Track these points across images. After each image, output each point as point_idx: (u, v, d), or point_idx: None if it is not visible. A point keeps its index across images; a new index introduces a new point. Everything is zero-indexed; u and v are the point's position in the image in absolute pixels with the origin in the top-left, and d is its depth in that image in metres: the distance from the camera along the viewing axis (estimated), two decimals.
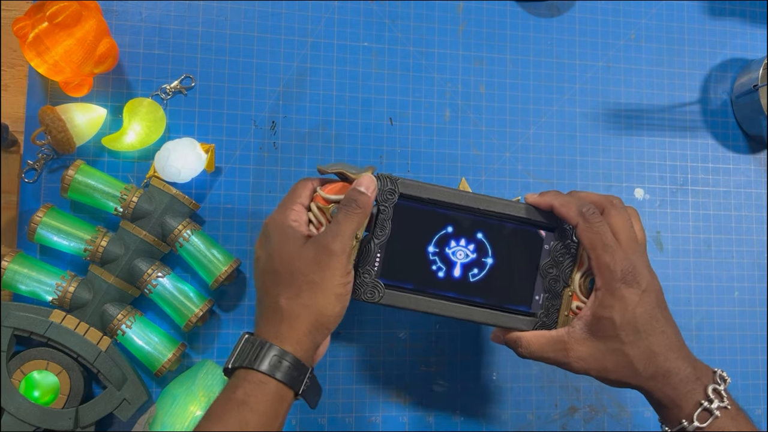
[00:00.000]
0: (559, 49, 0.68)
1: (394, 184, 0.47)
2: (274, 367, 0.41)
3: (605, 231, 0.45)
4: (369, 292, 0.47)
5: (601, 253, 0.45)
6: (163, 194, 0.55)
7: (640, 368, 0.44)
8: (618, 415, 0.65)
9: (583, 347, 0.46)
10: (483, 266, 0.49)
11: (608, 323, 0.44)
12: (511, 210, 0.49)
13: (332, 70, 0.63)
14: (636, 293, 0.44)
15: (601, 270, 0.45)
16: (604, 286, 0.45)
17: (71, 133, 0.54)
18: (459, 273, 0.49)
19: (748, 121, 0.69)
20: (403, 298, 0.48)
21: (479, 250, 0.49)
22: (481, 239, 0.49)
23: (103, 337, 0.54)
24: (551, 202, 0.48)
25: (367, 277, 0.47)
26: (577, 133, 0.67)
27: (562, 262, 0.49)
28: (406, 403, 0.61)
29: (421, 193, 0.48)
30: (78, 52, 0.53)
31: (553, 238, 0.49)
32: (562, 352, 0.46)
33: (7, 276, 0.52)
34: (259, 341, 0.42)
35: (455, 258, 0.49)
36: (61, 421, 0.52)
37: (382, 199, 0.47)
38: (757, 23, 0.72)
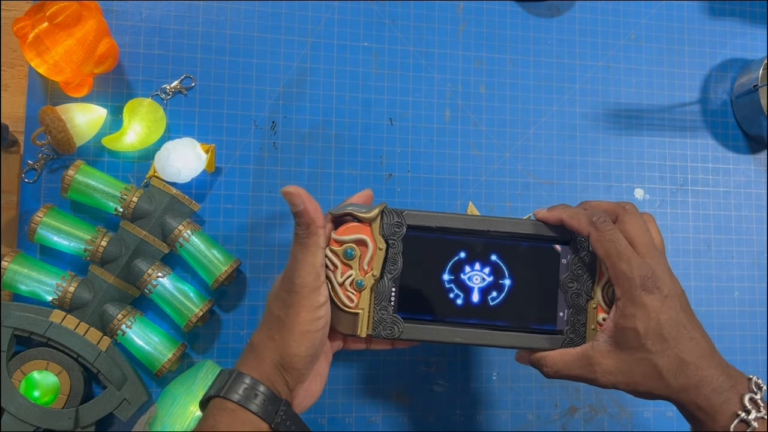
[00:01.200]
0: (559, 49, 0.68)
1: (400, 217, 0.46)
2: (245, 397, 0.41)
3: (618, 238, 0.44)
4: (388, 328, 0.46)
5: (616, 261, 0.43)
6: (163, 194, 0.55)
7: (670, 379, 0.42)
8: (618, 415, 0.65)
9: (609, 360, 0.44)
10: (501, 288, 0.48)
11: (632, 333, 0.42)
12: (521, 228, 0.48)
13: (332, 70, 0.63)
14: (658, 299, 0.42)
15: (619, 279, 0.43)
16: (624, 295, 0.43)
17: (71, 133, 0.54)
18: (478, 298, 0.48)
19: (748, 121, 0.69)
20: (424, 331, 0.47)
21: (495, 273, 0.48)
22: (496, 261, 0.48)
23: (103, 337, 0.54)
24: (560, 215, 0.46)
25: (384, 313, 0.46)
26: (577, 133, 0.67)
27: (581, 275, 0.47)
28: (406, 403, 0.61)
29: (428, 222, 0.47)
30: (78, 52, 0.53)
31: (569, 252, 0.48)
32: (588, 367, 0.44)
33: (7, 276, 0.52)
34: (231, 371, 0.42)
35: (472, 283, 0.48)
36: (61, 421, 0.52)
37: (390, 234, 0.46)
38: (757, 23, 0.72)
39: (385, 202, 0.47)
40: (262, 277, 0.60)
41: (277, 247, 0.60)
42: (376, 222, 0.46)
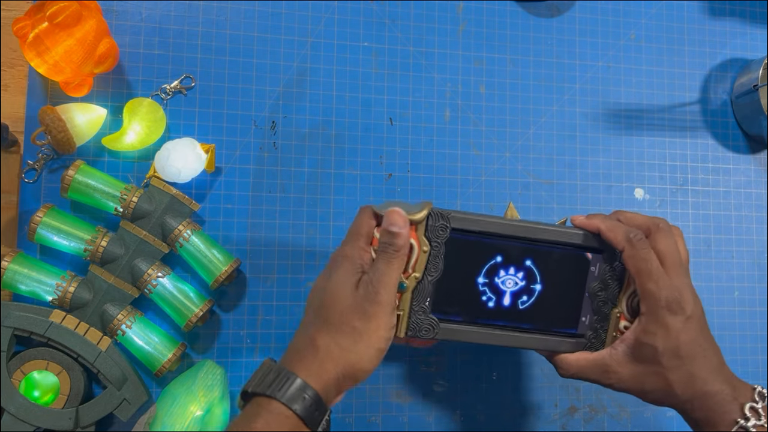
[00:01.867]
0: (559, 49, 0.68)
1: (446, 219, 0.46)
2: (296, 401, 0.39)
3: (651, 258, 0.45)
4: (425, 329, 0.47)
5: (646, 280, 0.45)
6: (163, 194, 0.55)
7: (678, 392, 0.45)
8: (618, 415, 0.65)
9: (624, 370, 0.46)
10: (532, 293, 0.49)
11: (650, 350, 0.45)
12: (562, 237, 0.48)
13: (332, 70, 0.63)
14: (680, 321, 0.45)
15: (646, 297, 0.45)
16: (649, 312, 0.45)
17: (71, 133, 0.54)
18: (509, 302, 0.49)
19: (748, 121, 0.69)
20: (458, 332, 0.47)
21: (528, 278, 0.49)
22: (530, 266, 0.49)
23: (103, 337, 0.54)
24: (599, 225, 0.48)
25: (421, 315, 0.46)
26: (577, 133, 0.67)
27: (610, 284, 0.49)
28: (406, 403, 0.61)
29: (472, 226, 0.47)
30: (78, 52, 0.53)
31: (600, 260, 0.49)
32: (604, 374, 0.47)
33: (7, 276, 0.52)
34: (286, 372, 0.40)
35: (505, 287, 0.48)
36: (61, 421, 0.52)
37: (434, 236, 0.46)
38: (757, 23, 0.72)
39: (431, 203, 0.46)
40: (262, 277, 0.60)
41: (277, 247, 0.60)
42: (422, 224, 0.46)
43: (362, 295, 0.42)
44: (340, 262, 0.43)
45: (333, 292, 0.42)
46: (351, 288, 0.42)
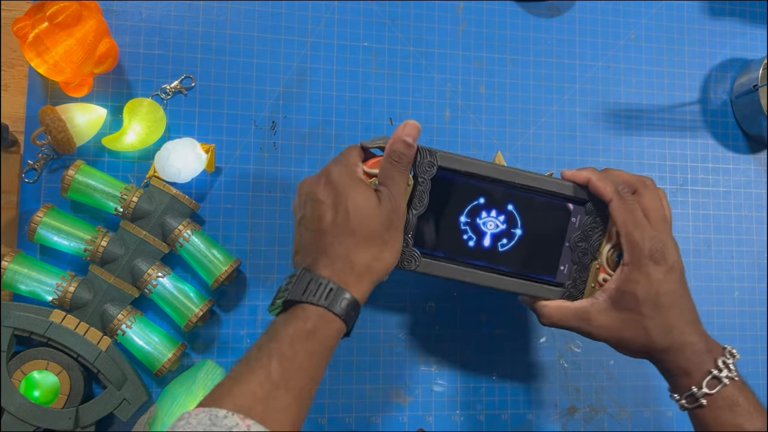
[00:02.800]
0: (559, 49, 0.68)
1: (433, 156, 0.49)
2: (344, 311, 0.43)
3: (637, 209, 0.48)
4: (407, 260, 0.49)
5: (632, 230, 0.47)
6: (163, 194, 0.55)
7: (657, 340, 0.47)
8: (618, 415, 0.65)
9: (605, 318, 0.48)
10: (512, 237, 0.51)
11: (631, 297, 0.47)
12: (545, 185, 0.50)
13: (332, 70, 0.63)
14: (662, 271, 0.47)
15: (631, 246, 0.47)
16: (632, 261, 0.47)
17: (71, 133, 0.54)
18: (489, 243, 0.51)
19: (748, 121, 0.69)
20: (438, 267, 0.49)
21: (509, 221, 0.51)
22: (512, 211, 0.51)
23: (103, 337, 0.54)
24: (588, 176, 0.50)
25: (404, 246, 0.48)
26: (577, 133, 0.67)
27: (591, 236, 0.51)
28: (406, 403, 0.61)
29: (459, 166, 0.49)
30: (78, 52, 0.53)
31: (582, 212, 0.51)
32: (585, 322, 0.49)
33: (7, 276, 0.52)
34: (333, 286, 0.43)
35: (485, 228, 0.51)
36: (61, 421, 0.52)
37: (421, 171, 0.48)
38: (757, 23, 0.72)
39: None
40: (262, 277, 0.60)
41: (277, 247, 0.60)
42: None
43: (388, 208, 0.45)
44: (357, 183, 0.45)
45: (358, 215, 0.44)
46: (376, 204, 0.45)
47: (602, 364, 0.65)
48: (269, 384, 0.39)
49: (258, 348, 0.41)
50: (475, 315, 0.63)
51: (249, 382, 0.39)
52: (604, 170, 0.51)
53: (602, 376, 0.65)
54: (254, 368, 0.40)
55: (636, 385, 0.65)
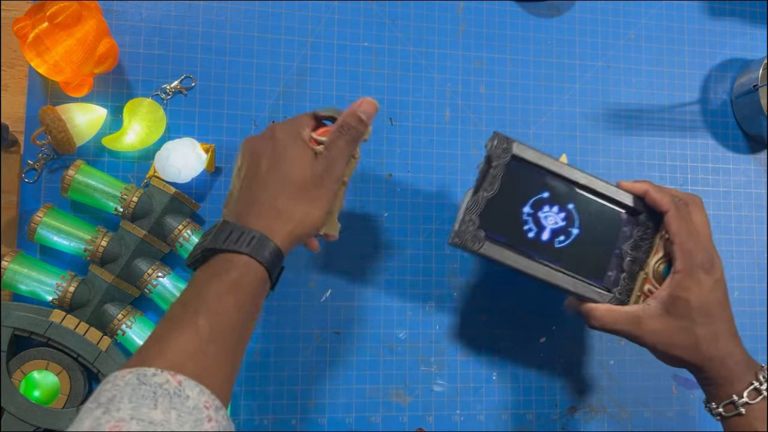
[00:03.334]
0: (559, 49, 0.68)
1: (509, 144, 0.51)
2: (268, 260, 0.43)
3: (691, 221, 0.51)
4: (470, 240, 0.50)
5: (686, 239, 0.49)
6: (163, 194, 0.55)
7: (703, 348, 0.49)
8: (618, 415, 0.65)
9: (657, 323, 0.50)
10: (569, 235, 0.52)
11: (684, 304, 0.49)
12: (606, 190, 0.52)
13: (332, 70, 0.63)
14: (711, 280, 0.49)
15: (684, 254, 0.49)
16: (685, 269, 0.49)
17: (71, 133, 0.54)
18: (547, 237, 0.52)
19: (748, 121, 0.69)
20: (499, 251, 0.50)
21: (568, 220, 0.52)
22: (571, 210, 0.52)
23: (103, 337, 0.54)
24: (646, 188, 0.52)
25: (470, 225, 0.50)
26: (577, 133, 0.67)
27: (641, 246, 0.52)
28: (406, 403, 0.61)
29: (531, 158, 0.51)
30: (78, 52, 0.53)
31: (634, 222, 0.52)
32: (636, 326, 0.50)
33: (7, 276, 0.52)
34: (256, 233, 0.43)
35: (546, 222, 0.52)
36: (61, 421, 0.52)
37: (495, 156, 0.50)
38: (757, 23, 0.72)
39: None
40: None
41: None
42: None
43: (322, 166, 0.46)
44: (297, 140, 0.47)
45: (292, 164, 0.46)
46: (311, 159, 0.46)
47: (602, 364, 0.65)
48: (198, 340, 0.38)
49: (182, 305, 0.40)
50: (475, 315, 0.63)
51: (177, 340, 0.38)
52: (659, 186, 0.53)
53: (602, 376, 0.65)
54: (180, 326, 0.38)
55: (636, 385, 0.65)
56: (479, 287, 0.63)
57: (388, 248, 0.62)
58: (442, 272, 0.63)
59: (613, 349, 0.65)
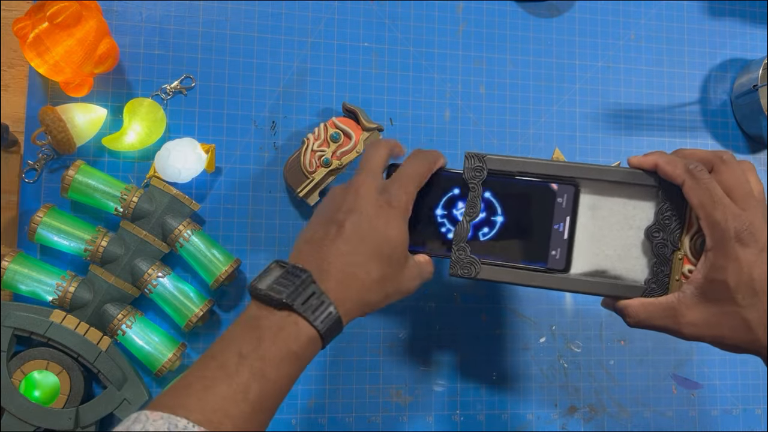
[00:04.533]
0: (558, 49, 0.68)
1: (482, 161, 0.48)
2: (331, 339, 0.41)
3: (715, 187, 0.42)
4: (465, 267, 0.48)
5: (711, 211, 0.42)
6: (163, 194, 0.55)
7: (759, 332, 0.41)
8: (618, 415, 0.65)
9: (695, 312, 0.43)
10: (493, 225, 0.49)
11: (722, 286, 0.41)
12: (608, 175, 0.47)
13: (332, 70, 0.63)
14: (753, 253, 0.41)
15: (712, 229, 0.42)
16: (716, 246, 0.42)
17: (71, 133, 0.54)
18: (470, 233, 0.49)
19: (748, 121, 0.69)
20: (500, 272, 0.48)
21: (489, 209, 0.49)
22: (490, 198, 0.49)
23: (104, 337, 0.54)
24: (656, 160, 0.45)
25: (462, 254, 0.48)
26: (577, 133, 0.67)
27: (668, 225, 0.46)
28: (406, 403, 0.61)
29: (509, 167, 0.48)
30: (78, 53, 0.53)
31: (659, 199, 0.46)
32: (672, 318, 0.43)
33: (8, 276, 0.52)
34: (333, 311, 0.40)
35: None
36: (61, 421, 0.52)
37: (470, 177, 0.48)
38: (757, 23, 0.72)
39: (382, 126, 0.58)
40: None
41: (277, 247, 0.60)
42: (365, 133, 0.58)
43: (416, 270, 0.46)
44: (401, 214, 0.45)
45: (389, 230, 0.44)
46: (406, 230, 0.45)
47: (602, 364, 0.65)
48: (245, 404, 0.36)
49: (239, 355, 0.38)
50: (475, 315, 0.63)
51: (224, 395, 0.36)
52: (675, 151, 0.46)
53: (602, 376, 0.65)
54: (230, 379, 0.36)
55: (636, 385, 0.65)
56: (479, 287, 0.63)
57: None
58: (442, 272, 0.63)
59: (613, 349, 0.65)
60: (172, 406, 0.34)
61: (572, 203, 0.48)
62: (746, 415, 0.67)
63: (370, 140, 0.58)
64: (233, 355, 0.38)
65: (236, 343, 0.38)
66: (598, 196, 0.48)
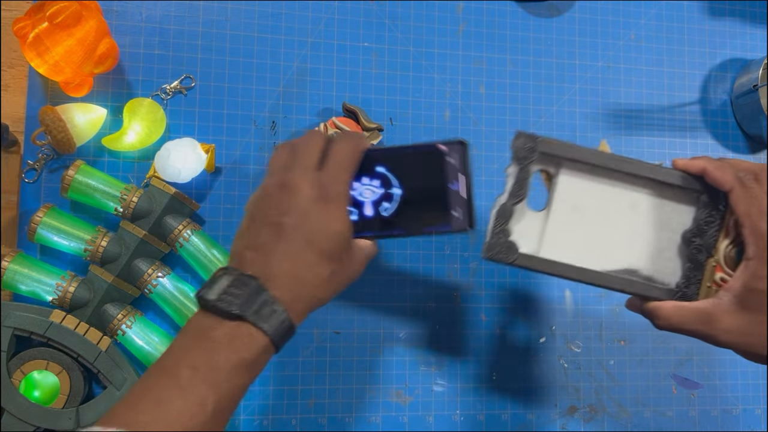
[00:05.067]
0: (558, 49, 0.68)
1: (534, 142, 0.46)
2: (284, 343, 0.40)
3: (763, 198, 0.43)
4: (504, 252, 0.46)
5: (757, 220, 0.42)
6: (163, 194, 0.55)
7: None
8: (618, 414, 0.65)
9: (731, 320, 0.43)
10: (391, 198, 0.46)
11: (760, 295, 0.42)
12: (657, 174, 0.46)
13: (332, 70, 0.63)
14: None
15: (757, 238, 0.42)
16: (758, 255, 0.42)
17: (71, 133, 0.54)
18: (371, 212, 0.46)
19: (748, 121, 0.69)
20: (536, 261, 0.46)
21: (385, 184, 0.46)
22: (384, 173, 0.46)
23: (103, 337, 0.54)
24: (704, 165, 0.44)
25: (503, 237, 0.46)
26: (577, 133, 0.67)
27: (706, 231, 0.45)
28: (406, 403, 0.61)
29: (562, 152, 0.46)
30: (78, 52, 0.53)
31: (700, 204, 0.46)
32: (707, 324, 0.43)
33: (7, 276, 0.52)
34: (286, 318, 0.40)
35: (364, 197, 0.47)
36: (61, 421, 0.52)
37: (521, 157, 0.46)
38: (757, 23, 0.72)
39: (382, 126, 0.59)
40: None
41: None
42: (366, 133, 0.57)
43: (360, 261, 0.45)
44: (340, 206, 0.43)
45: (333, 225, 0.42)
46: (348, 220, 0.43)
47: (602, 364, 0.65)
48: (202, 416, 0.36)
49: (192, 368, 0.37)
50: (475, 315, 0.63)
51: (179, 410, 0.35)
52: (721, 159, 0.46)
53: (602, 376, 0.65)
54: (186, 393, 0.36)
55: (636, 385, 0.65)
56: (479, 287, 0.63)
57: (388, 248, 0.62)
58: (442, 272, 0.63)
59: (613, 349, 0.65)
60: (128, 423, 0.34)
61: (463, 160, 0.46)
62: (746, 415, 0.67)
63: (369, 140, 0.58)
64: (186, 368, 0.37)
65: (188, 356, 0.38)
66: (639, 194, 0.47)
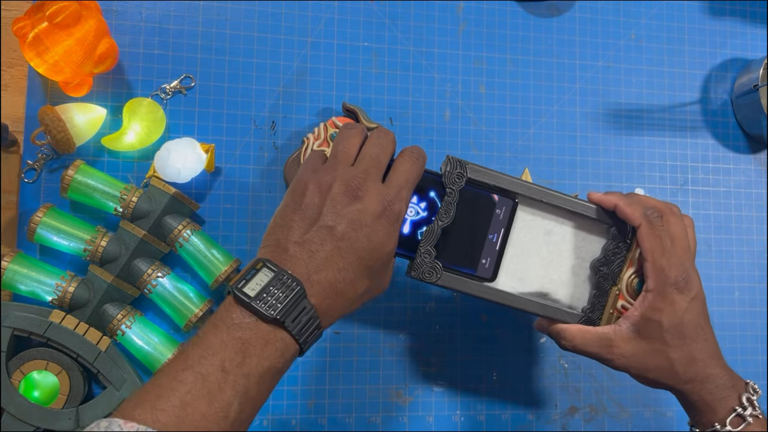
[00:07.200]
0: (559, 49, 0.68)
1: (463, 168, 0.48)
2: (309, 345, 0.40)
3: (665, 236, 0.47)
4: (428, 272, 0.47)
5: (658, 257, 0.46)
6: (163, 194, 0.55)
7: (680, 371, 0.46)
8: (618, 415, 0.65)
9: (628, 346, 0.47)
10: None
11: (656, 325, 0.46)
12: (572, 206, 0.49)
13: (332, 70, 0.63)
14: (686, 300, 0.46)
15: (656, 273, 0.46)
16: (657, 289, 0.46)
17: (71, 133, 0.54)
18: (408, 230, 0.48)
19: (748, 121, 0.69)
20: (459, 282, 0.48)
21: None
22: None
23: (103, 337, 0.54)
24: (616, 201, 0.49)
25: (427, 257, 0.47)
26: (577, 133, 0.67)
27: (613, 261, 0.50)
28: (406, 403, 0.61)
29: (488, 179, 0.48)
30: (78, 52, 0.53)
31: (609, 235, 0.50)
32: (607, 348, 0.48)
33: (7, 276, 0.52)
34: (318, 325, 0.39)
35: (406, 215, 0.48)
36: (61, 421, 0.52)
37: (450, 182, 0.47)
38: (757, 23, 0.72)
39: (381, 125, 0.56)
40: None
41: None
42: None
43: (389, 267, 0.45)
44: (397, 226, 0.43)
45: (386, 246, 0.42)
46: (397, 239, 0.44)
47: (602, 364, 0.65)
48: (225, 422, 0.35)
49: (222, 371, 0.36)
50: (475, 315, 0.63)
51: (204, 413, 0.34)
52: (630, 195, 0.50)
53: (602, 376, 0.65)
54: (214, 397, 0.35)
55: (636, 385, 0.65)
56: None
57: None
58: None
59: None
60: (147, 421, 0.33)
61: (509, 216, 0.49)
62: None
63: None
64: (215, 369, 0.36)
65: (218, 355, 0.36)
66: (555, 222, 0.50)
